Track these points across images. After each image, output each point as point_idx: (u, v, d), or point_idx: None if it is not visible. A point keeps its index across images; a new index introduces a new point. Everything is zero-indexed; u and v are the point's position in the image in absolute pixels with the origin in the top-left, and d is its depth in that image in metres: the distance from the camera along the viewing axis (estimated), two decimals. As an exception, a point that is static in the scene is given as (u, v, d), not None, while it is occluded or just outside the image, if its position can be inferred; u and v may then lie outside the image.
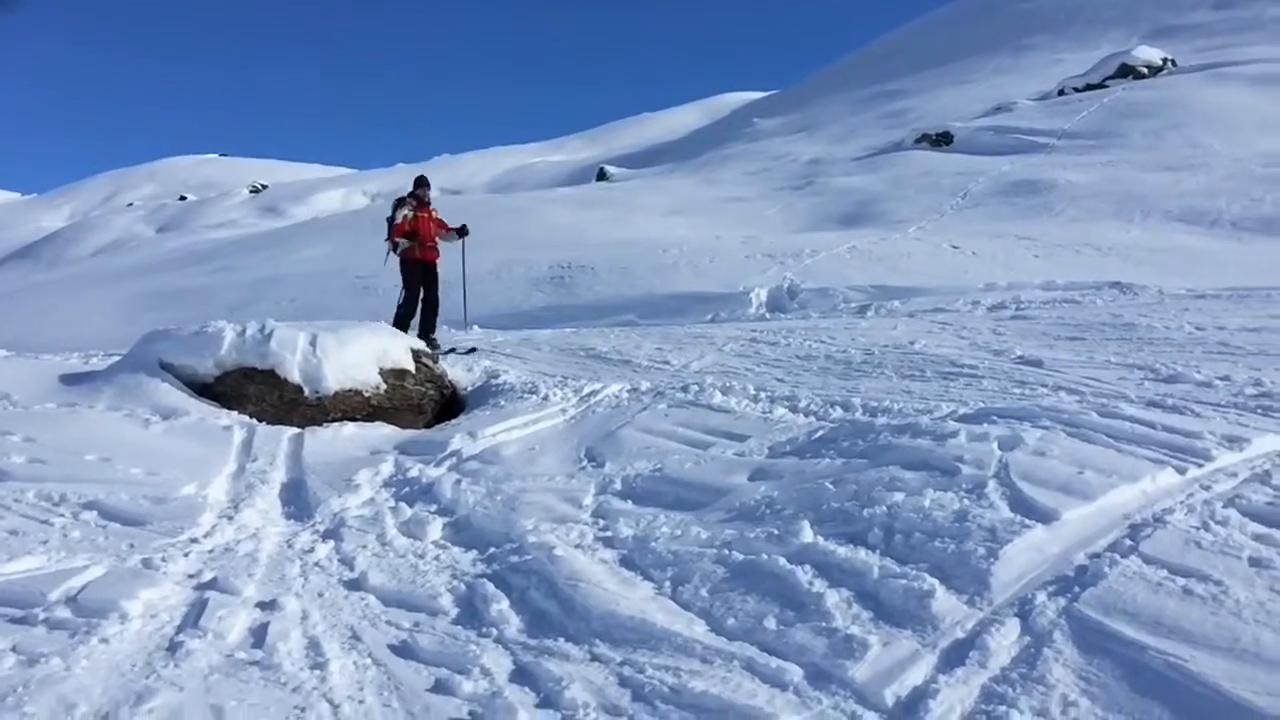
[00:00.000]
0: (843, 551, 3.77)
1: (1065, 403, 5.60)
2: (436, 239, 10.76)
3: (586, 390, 7.61)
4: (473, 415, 7.48)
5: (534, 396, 7.55)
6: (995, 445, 4.49)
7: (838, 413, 6.21)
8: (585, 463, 5.83)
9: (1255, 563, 3.25)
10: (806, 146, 41.37)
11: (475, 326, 13.18)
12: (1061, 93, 37.46)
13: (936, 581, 3.39)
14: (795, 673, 3.06)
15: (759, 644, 3.27)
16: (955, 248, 16.91)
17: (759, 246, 18.45)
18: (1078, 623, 3.05)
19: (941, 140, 32.70)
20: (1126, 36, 48.46)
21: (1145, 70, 37.06)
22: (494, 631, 3.63)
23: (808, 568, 3.69)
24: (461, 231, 11.14)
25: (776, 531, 4.10)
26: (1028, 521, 3.67)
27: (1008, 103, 37.05)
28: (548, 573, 4.03)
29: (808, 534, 3.98)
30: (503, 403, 7.59)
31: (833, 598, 3.44)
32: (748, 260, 17.24)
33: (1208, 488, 3.98)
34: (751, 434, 5.88)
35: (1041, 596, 3.23)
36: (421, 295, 10.62)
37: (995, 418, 5.08)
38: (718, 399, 6.83)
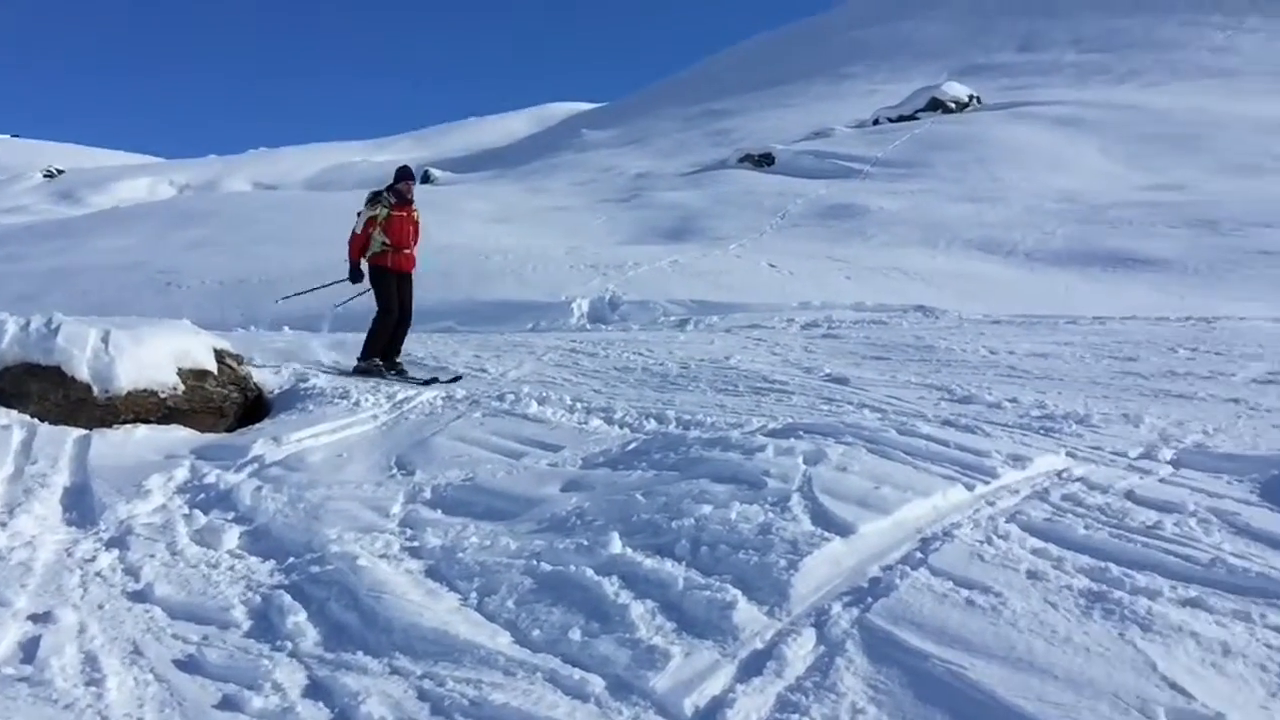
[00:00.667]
0: (650, 563, 3.80)
1: (868, 420, 5.83)
2: (413, 246, 9.20)
3: (400, 396, 7.43)
4: (278, 419, 7.19)
5: (344, 402, 7.31)
6: (800, 460, 4.63)
7: (652, 425, 6.27)
8: (395, 471, 5.68)
9: (1032, 575, 3.45)
10: (634, 160, 41.95)
11: (286, 328, 12.71)
12: (876, 122, 39.32)
13: (739, 593, 3.46)
14: (597, 684, 3.06)
15: (563, 655, 3.26)
16: (773, 266, 17.40)
17: (583, 257, 18.51)
18: (869, 633, 3.16)
19: (764, 161, 33.74)
20: (938, 72, 51.24)
21: (953, 105, 39.27)
22: (289, 645, 3.50)
23: (615, 579, 3.70)
24: (355, 276, 9.15)
25: (586, 542, 4.10)
26: (827, 534, 3.79)
27: (826, 128, 38.60)
28: (349, 583, 3.91)
29: (616, 545, 3.99)
30: (311, 407, 7.32)
31: (638, 609, 3.46)
32: (571, 270, 17.27)
33: (992, 504, 4.20)
34: (566, 444, 5.87)
35: (837, 607, 3.34)
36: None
37: (802, 433, 5.26)
38: (534, 409, 6.80)
